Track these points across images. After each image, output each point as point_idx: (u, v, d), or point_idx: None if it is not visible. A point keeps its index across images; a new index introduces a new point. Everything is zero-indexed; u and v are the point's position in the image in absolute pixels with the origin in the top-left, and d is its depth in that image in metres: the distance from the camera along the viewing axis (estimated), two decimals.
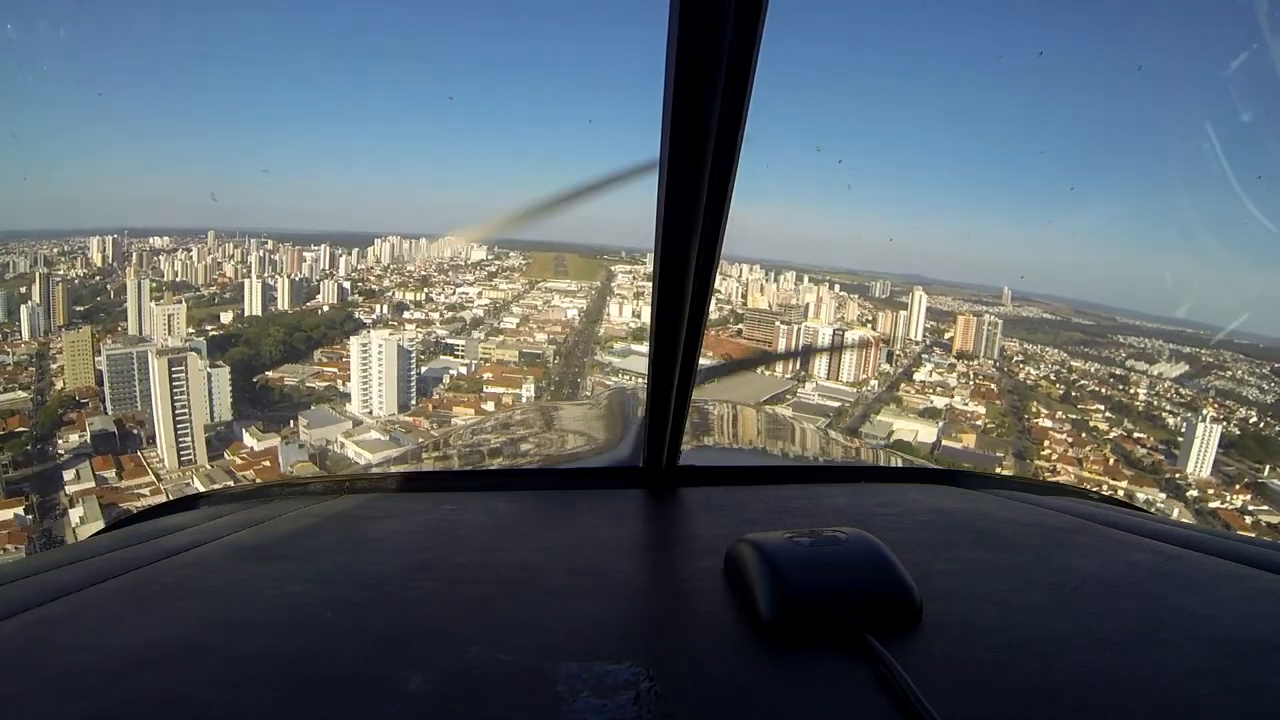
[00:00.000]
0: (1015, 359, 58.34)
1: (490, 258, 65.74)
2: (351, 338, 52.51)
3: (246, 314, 55.68)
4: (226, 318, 54.68)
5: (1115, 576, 1.08)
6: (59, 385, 45.54)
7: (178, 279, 56.48)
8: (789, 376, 55.98)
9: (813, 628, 0.88)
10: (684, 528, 1.49)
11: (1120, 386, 52.66)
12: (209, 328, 53.51)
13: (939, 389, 54.15)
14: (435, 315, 59.16)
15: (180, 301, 52.04)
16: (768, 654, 0.86)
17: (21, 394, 44.55)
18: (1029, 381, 55.77)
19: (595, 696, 0.77)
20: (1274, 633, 0.88)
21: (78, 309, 51.60)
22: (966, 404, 52.41)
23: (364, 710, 0.75)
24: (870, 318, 62.97)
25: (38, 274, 51.14)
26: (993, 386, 54.92)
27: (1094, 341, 56.80)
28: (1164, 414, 49.73)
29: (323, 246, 61.49)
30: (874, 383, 55.29)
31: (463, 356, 55.90)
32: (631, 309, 59.32)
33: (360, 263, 62.51)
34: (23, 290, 50.17)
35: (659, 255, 1.08)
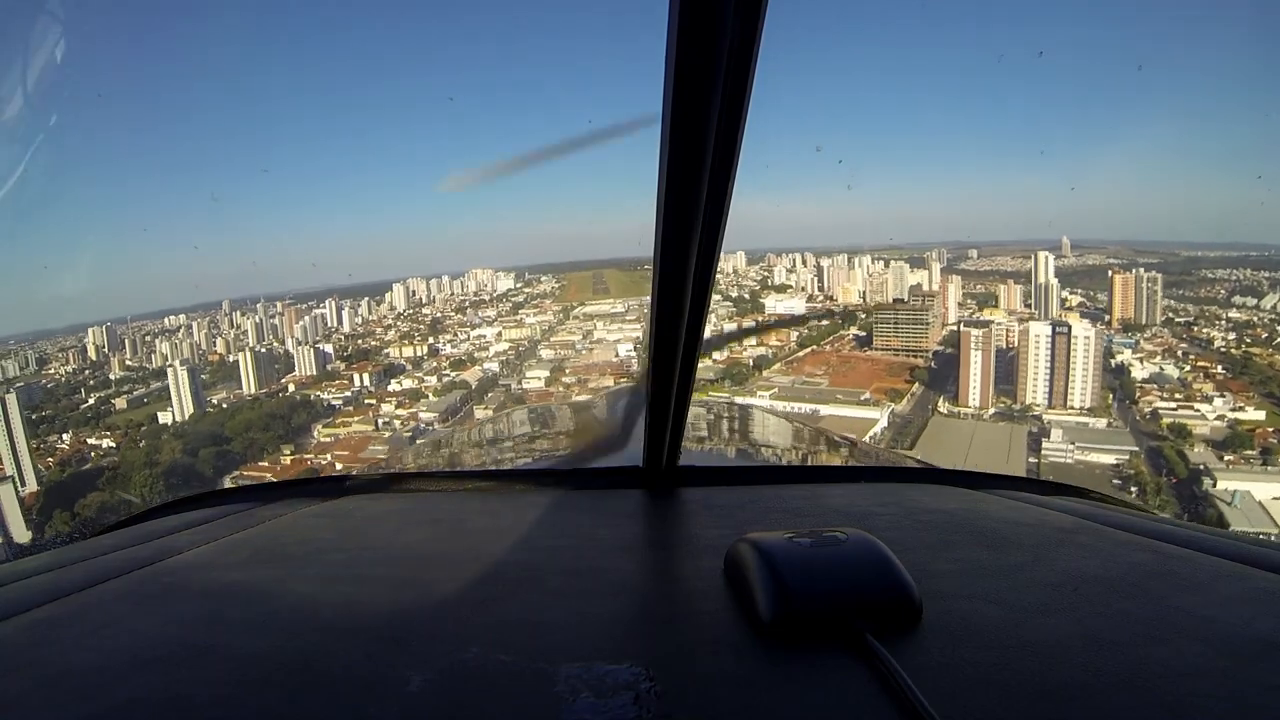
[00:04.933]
0: (1177, 320, 41.01)
1: (518, 286, 50.62)
2: None
3: (176, 419, 38.94)
4: (166, 418, 39.22)
5: (1115, 576, 1.04)
6: None
7: (168, 361, 44.49)
8: (992, 413, 35.65)
9: (813, 628, 0.86)
10: (684, 528, 1.44)
11: None
12: (145, 439, 37.45)
13: (1169, 390, 35.58)
14: (433, 380, 41.46)
15: None
16: (768, 654, 0.84)
17: None
18: (1231, 351, 37.58)
19: (595, 696, 0.74)
20: (1274, 633, 0.86)
21: (42, 414, 40.18)
22: (1236, 408, 33.45)
23: (364, 710, 0.73)
24: (990, 296, 45.27)
25: None
26: (1217, 370, 36.42)
27: (1182, 281, 43.52)
28: None
29: (328, 301, 48.09)
30: (1111, 400, 36.06)
31: None
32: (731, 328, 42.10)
33: (372, 314, 48.59)
34: None
35: (659, 255, 1.05)
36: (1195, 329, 40.51)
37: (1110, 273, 43.36)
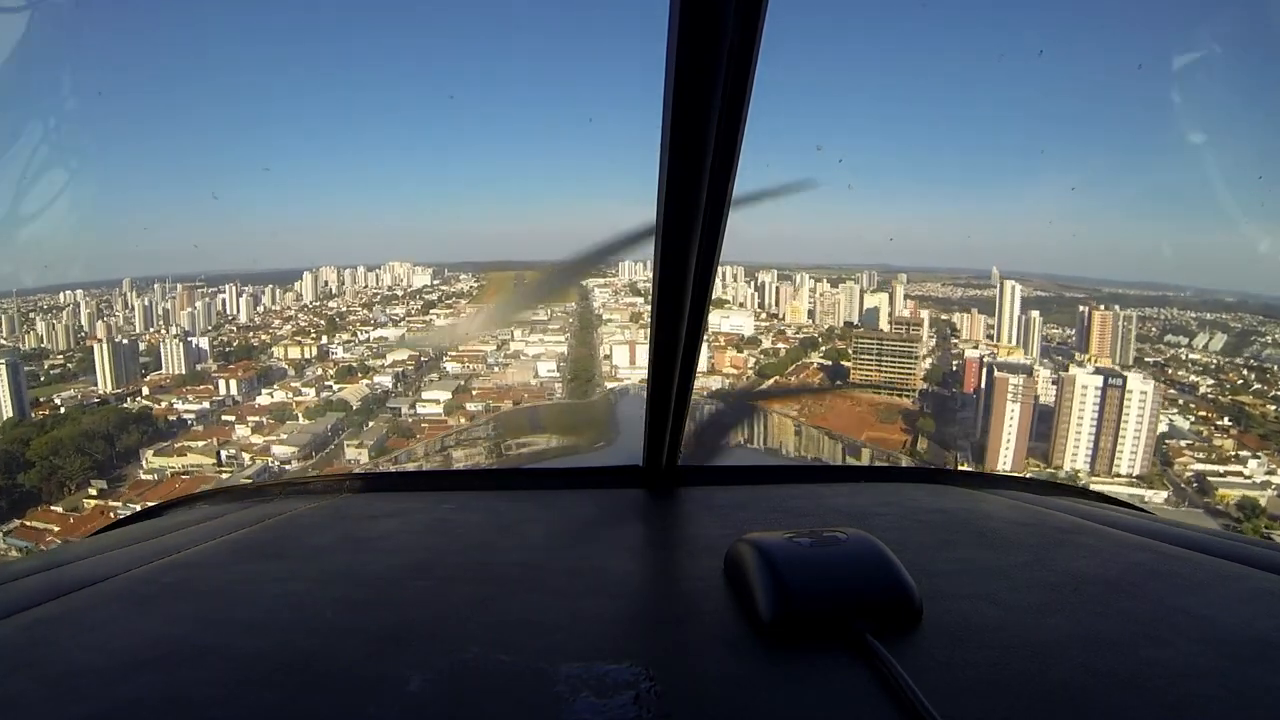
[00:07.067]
0: (1147, 361, 36.55)
1: (435, 283, 45.06)
2: None
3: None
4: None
5: (1115, 576, 1.04)
6: None
7: (42, 344, 39.02)
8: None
9: (813, 628, 0.85)
10: (684, 528, 1.44)
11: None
12: None
13: (1196, 447, 30.80)
14: (311, 393, 34.30)
15: None
16: (768, 654, 0.83)
17: None
18: (1220, 399, 33.29)
19: (595, 696, 0.73)
20: (1274, 633, 0.85)
21: None
22: (1270, 470, 28.64)
23: (364, 710, 0.72)
24: (951, 325, 40.41)
25: None
26: (1225, 422, 31.96)
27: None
28: None
29: (229, 286, 42.55)
30: (1159, 468, 30.90)
31: None
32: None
33: (276, 304, 43.01)
34: None
35: (659, 255, 1.04)
36: (1170, 372, 35.79)
37: (1085, 309, 38.61)
